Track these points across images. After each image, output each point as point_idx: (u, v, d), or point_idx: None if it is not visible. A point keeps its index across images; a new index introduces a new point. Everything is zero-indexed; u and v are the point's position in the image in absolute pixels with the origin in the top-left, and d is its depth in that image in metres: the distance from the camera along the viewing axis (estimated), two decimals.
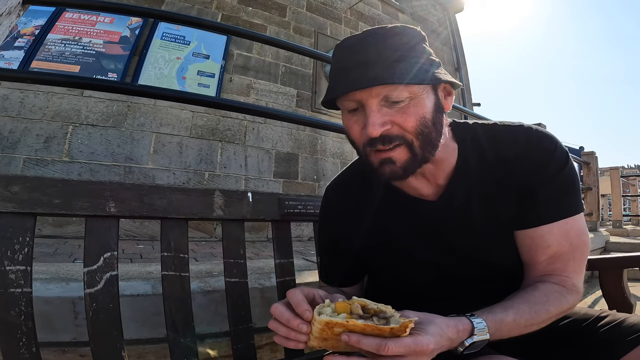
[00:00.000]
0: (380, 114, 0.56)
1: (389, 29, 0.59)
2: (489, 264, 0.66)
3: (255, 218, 0.90)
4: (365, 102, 0.57)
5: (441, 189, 0.67)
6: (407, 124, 0.57)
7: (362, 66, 0.56)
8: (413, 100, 0.57)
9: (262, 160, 3.86)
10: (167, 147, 3.40)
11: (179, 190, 0.80)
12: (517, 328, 0.56)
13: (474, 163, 0.65)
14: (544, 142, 0.63)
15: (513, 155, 0.63)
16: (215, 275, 1.13)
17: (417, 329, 0.49)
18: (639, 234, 4.94)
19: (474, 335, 0.52)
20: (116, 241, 0.72)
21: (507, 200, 0.63)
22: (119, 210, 0.73)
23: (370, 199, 0.72)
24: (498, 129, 0.67)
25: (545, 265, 0.62)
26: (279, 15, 4.68)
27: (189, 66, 3.87)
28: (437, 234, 0.67)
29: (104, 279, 0.69)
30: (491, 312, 0.55)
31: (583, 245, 0.63)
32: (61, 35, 3.52)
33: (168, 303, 0.75)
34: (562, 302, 0.60)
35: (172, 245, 0.76)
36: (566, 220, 0.61)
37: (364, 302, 0.51)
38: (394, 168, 0.59)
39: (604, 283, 1.07)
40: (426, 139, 0.58)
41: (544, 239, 0.62)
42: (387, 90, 0.56)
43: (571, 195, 0.62)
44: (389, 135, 0.57)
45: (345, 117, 0.62)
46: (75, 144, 3.04)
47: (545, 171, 0.61)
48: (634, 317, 0.63)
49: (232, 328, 0.83)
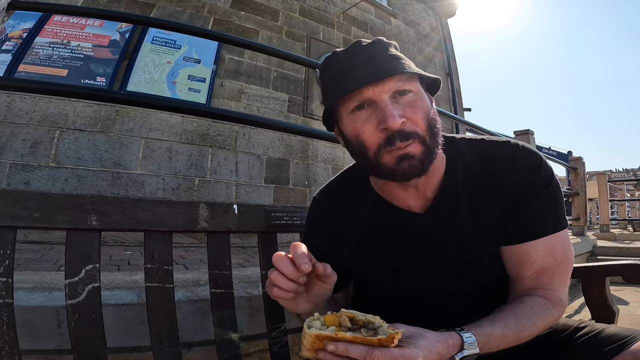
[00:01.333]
0: (395, 107, 0.58)
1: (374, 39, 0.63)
2: (475, 278, 0.67)
3: (241, 230, 0.90)
4: (377, 97, 0.58)
5: (429, 201, 0.67)
6: (417, 118, 0.58)
7: (367, 63, 0.57)
8: (417, 94, 0.60)
9: (253, 166, 3.85)
10: (157, 152, 3.37)
11: (163, 203, 0.79)
12: (506, 341, 0.57)
13: (461, 178, 0.66)
14: (530, 159, 0.64)
15: (499, 172, 0.64)
16: (202, 285, 1.13)
17: (407, 342, 0.49)
18: (627, 238, 5.02)
19: (464, 350, 0.53)
20: (98, 253, 0.72)
21: (492, 216, 0.64)
22: (100, 224, 0.72)
23: (358, 209, 0.73)
24: (485, 145, 0.68)
25: (531, 280, 0.63)
26: (271, 20, 4.69)
27: (179, 71, 3.85)
28: (423, 247, 0.68)
29: (85, 291, 0.69)
30: (480, 326, 0.56)
31: (567, 260, 0.64)
32: (49, 39, 3.49)
33: (152, 313, 0.74)
34: (547, 316, 0.61)
35: (156, 257, 0.76)
36: (551, 236, 0.62)
37: (352, 313, 0.51)
38: (413, 162, 0.58)
39: (587, 291, 1.08)
40: (433, 133, 0.60)
41: (529, 254, 0.63)
42: (397, 84, 0.58)
43: (555, 211, 0.63)
44: (405, 131, 0.57)
45: (349, 120, 0.61)
46: (62, 149, 3.00)
47: (531, 188, 0.62)
48: (612, 327, 0.64)
49: (217, 338, 0.83)
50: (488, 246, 0.66)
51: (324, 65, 0.65)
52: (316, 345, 0.49)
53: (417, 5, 7.03)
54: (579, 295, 2.64)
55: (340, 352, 0.47)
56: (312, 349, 0.50)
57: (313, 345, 0.50)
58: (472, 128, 3.07)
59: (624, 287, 3.06)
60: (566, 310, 2.11)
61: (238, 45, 2.43)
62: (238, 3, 4.46)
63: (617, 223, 7.62)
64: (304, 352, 0.52)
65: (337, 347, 0.47)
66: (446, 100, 6.45)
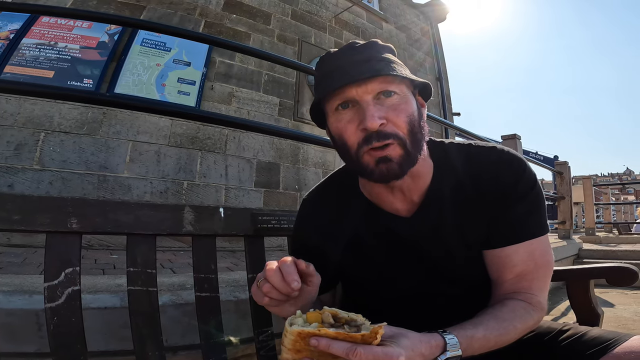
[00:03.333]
0: (376, 108, 0.58)
1: (368, 41, 0.64)
2: (459, 281, 0.68)
3: (227, 233, 0.89)
4: (360, 97, 0.59)
5: (415, 206, 0.68)
6: (399, 120, 0.59)
7: (356, 63, 0.58)
8: (402, 97, 0.60)
9: (243, 170, 3.83)
10: (144, 155, 3.33)
11: (146, 206, 0.78)
12: (487, 344, 0.57)
13: (448, 183, 0.67)
14: (514, 165, 0.65)
15: (484, 178, 0.65)
16: (188, 288, 1.11)
17: (390, 341, 0.49)
18: (612, 241, 5.11)
19: (447, 352, 0.53)
20: (78, 257, 0.70)
21: (477, 221, 0.65)
22: (81, 227, 0.71)
23: (347, 211, 0.73)
24: (472, 151, 0.69)
25: (512, 284, 0.64)
26: (263, 23, 4.69)
27: (169, 73, 3.82)
28: (409, 250, 0.68)
29: (65, 294, 0.68)
30: (462, 328, 0.56)
31: (547, 264, 0.65)
32: (36, 40, 3.44)
33: (135, 317, 0.73)
34: (527, 319, 0.61)
35: (139, 261, 0.74)
36: (531, 241, 0.63)
37: (335, 311, 0.51)
38: (391, 165, 0.59)
39: (572, 294, 1.09)
40: (415, 137, 0.61)
41: (510, 258, 0.64)
42: (382, 85, 0.58)
43: (537, 217, 0.65)
44: (384, 131, 0.58)
45: (334, 118, 0.63)
46: (47, 151, 2.95)
47: (513, 194, 0.64)
48: (595, 330, 0.65)
49: (202, 342, 0.82)
50: (472, 250, 0.67)
51: (319, 63, 0.66)
52: (298, 344, 0.49)
53: (408, 10, 7.11)
54: (565, 298, 2.68)
55: (322, 348, 0.47)
56: (293, 348, 0.49)
57: (295, 344, 0.49)
58: (461, 132, 3.10)
59: (610, 289, 3.12)
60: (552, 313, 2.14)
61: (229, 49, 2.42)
62: (230, 6, 4.46)
63: (603, 226, 7.78)
64: (283, 354, 0.51)
65: (320, 343, 0.47)
66: (436, 105, 6.52)
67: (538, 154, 11.75)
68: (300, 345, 0.49)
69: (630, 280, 1.07)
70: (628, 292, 3.15)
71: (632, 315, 2.37)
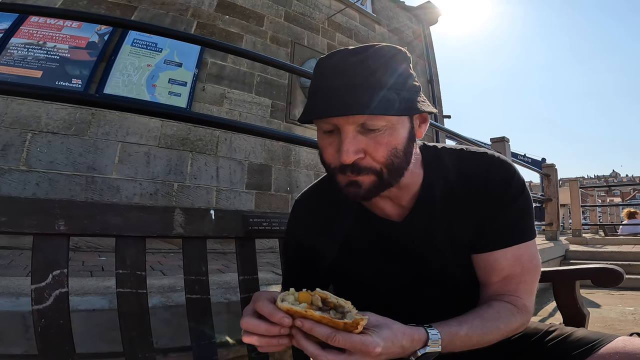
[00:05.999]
0: (355, 141, 0.57)
1: (374, 50, 0.58)
2: (448, 285, 0.69)
3: (218, 235, 0.88)
4: (342, 127, 0.58)
5: (405, 211, 0.69)
6: (378, 154, 0.58)
7: (342, 91, 0.56)
8: (389, 129, 0.58)
9: (234, 172, 3.81)
10: (134, 156, 3.29)
11: (136, 208, 0.78)
12: (469, 342, 0.58)
13: (438, 189, 0.68)
14: (503, 171, 0.66)
15: (474, 183, 0.66)
16: (179, 290, 1.10)
17: (371, 330, 0.50)
18: (598, 243, 5.21)
19: (427, 347, 0.54)
20: (66, 258, 0.70)
21: (466, 226, 0.66)
22: (69, 229, 0.70)
23: (339, 213, 0.74)
24: (463, 156, 0.69)
25: (499, 286, 0.65)
26: (256, 25, 4.67)
27: (160, 74, 3.78)
28: (400, 254, 0.69)
29: (52, 296, 0.67)
30: (447, 325, 0.57)
31: (534, 268, 0.66)
32: (24, 40, 3.39)
33: (124, 320, 0.72)
34: (511, 321, 0.62)
35: (128, 263, 0.74)
36: (519, 245, 0.65)
37: (325, 294, 0.53)
38: (358, 191, 0.60)
39: (558, 295, 1.11)
40: (395, 168, 0.60)
41: (497, 262, 0.65)
42: (365, 118, 0.56)
43: (525, 222, 0.66)
44: (359, 166, 0.58)
45: (320, 136, 0.63)
46: (34, 152, 2.90)
47: (502, 199, 0.65)
48: (581, 331, 0.66)
49: (194, 344, 0.81)
50: (461, 254, 0.68)
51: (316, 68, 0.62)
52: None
53: (401, 12, 7.17)
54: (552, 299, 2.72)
55: (306, 330, 0.49)
56: None
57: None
58: (452, 135, 3.14)
59: (596, 290, 3.17)
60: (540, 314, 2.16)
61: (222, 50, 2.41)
62: (223, 7, 4.44)
63: (589, 228, 7.90)
64: None
65: (304, 324, 0.49)
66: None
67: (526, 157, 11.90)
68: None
69: (615, 281, 1.09)
70: (614, 292, 3.21)
71: (619, 315, 2.41)
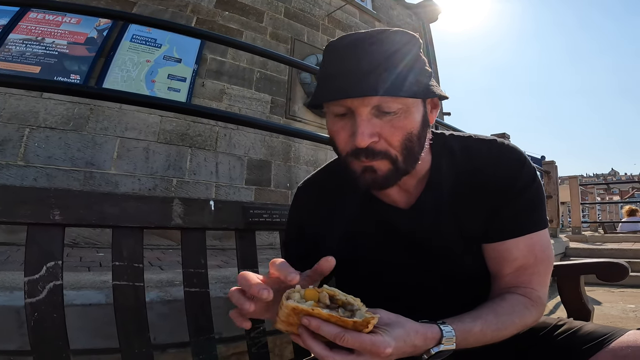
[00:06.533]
0: (370, 124, 0.55)
1: (388, 34, 0.57)
2: (458, 275, 0.67)
3: (218, 227, 0.86)
4: (356, 110, 0.56)
5: (413, 198, 0.67)
6: (393, 138, 0.56)
7: (357, 73, 0.54)
8: (404, 113, 0.56)
9: (233, 167, 3.79)
10: (133, 152, 3.27)
11: (133, 198, 0.76)
12: (484, 338, 0.56)
13: (447, 176, 0.66)
14: (514, 158, 0.64)
15: (484, 171, 0.64)
16: (177, 285, 1.09)
17: (383, 329, 0.48)
18: (597, 240, 5.21)
19: (441, 345, 0.52)
20: (61, 250, 0.68)
21: (476, 214, 0.64)
22: (64, 219, 0.68)
23: (343, 200, 0.71)
24: (472, 143, 0.68)
25: (512, 278, 0.63)
26: (256, 21, 4.65)
27: (159, 69, 3.76)
28: (406, 243, 0.67)
29: (46, 289, 0.65)
30: (461, 321, 0.55)
31: (547, 259, 0.64)
32: (23, 35, 3.38)
33: (120, 313, 0.70)
34: (526, 314, 0.60)
35: (125, 254, 0.72)
36: (532, 234, 0.63)
37: (333, 291, 0.50)
38: (375, 177, 0.58)
39: (562, 289, 1.09)
40: (409, 153, 0.58)
41: (510, 252, 0.63)
42: (380, 100, 0.54)
43: (537, 211, 0.64)
44: (374, 150, 0.56)
45: (331, 120, 0.61)
46: (32, 147, 2.88)
47: (514, 187, 0.63)
48: (590, 325, 0.64)
49: (192, 339, 0.80)
50: (470, 243, 0.65)
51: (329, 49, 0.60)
52: (291, 318, 0.48)
53: (401, 10, 7.14)
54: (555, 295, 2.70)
55: (313, 329, 0.46)
56: (286, 321, 0.49)
57: (288, 317, 0.48)
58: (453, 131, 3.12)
59: (597, 287, 3.16)
60: None
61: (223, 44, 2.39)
62: (222, 3, 4.41)
63: (588, 225, 7.90)
64: (278, 323, 0.50)
65: (311, 323, 0.46)
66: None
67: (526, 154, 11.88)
68: (293, 320, 0.48)
69: (620, 275, 1.07)
70: (614, 290, 3.20)
71: (620, 312, 2.41)
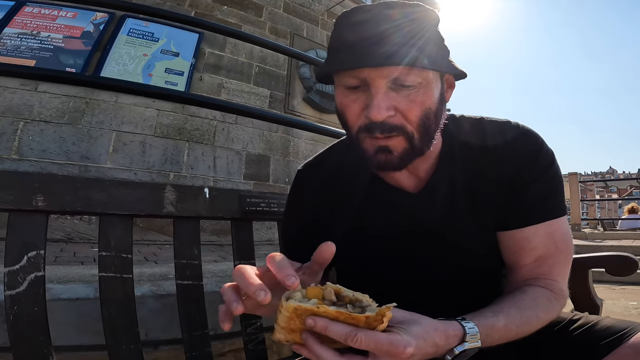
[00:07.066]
0: (387, 97, 0.51)
1: (405, 4, 0.53)
2: (468, 267, 0.63)
3: (213, 216, 0.83)
4: (372, 81, 0.51)
5: (422, 181, 0.63)
6: (411, 113, 0.52)
7: (375, 41, 0.50)
8: (423, 87, 0.52)
9: (231, 162, 3.75)
10: (129, 145, 3.22)
11: (122, 183, 0.72)
12: (508, 335, 0.52)
13: (459, 158, 0.62)
14: (530, 140, 0.61)
15: (499, 153, 0.60)
16: (171, 279, 1.04)
17: (399, 327, 0.43)
18: (597, 237, 5.20)
19: (465, 342, 0.47)
20: (44, 239, 0.63)
21: (491, 199, 0.60)
22: (47, 205, 0.64)
23: (347, 183, 0.67)
24: (485, 124, 0.64)
25: (531, 269, 0.60)
26: (254, 15, 4.60)
27: (156, 63, 3.72)
28: (414, 230, 0.63)
29: (27, 280, 0.61)
30: (483, 317, 0.50)
31: (568, 248, 0.61)
32: (18, 30, 3.34)
33: (106, 307, 0.67)
34: (550, 308, 0.57)
35: (112, 244, 0.68)
36: (551, 221, 0.59)
37: (338, 288, 0.44)
38: (390, 157, 0.54)
39: (570, 284, 1.06)
40: (426, 131, 0.54)
41: (529, 240, 0.59)
42: (400, 72, 0.50)
43: (556, 196, 0.60)
44: (390, 124, 0.52)
45: (341, 93, 0.56)
46: (26, 140, 2.83)
47: (532, 170, 0.59)
48: (607, 319, 0.61)
49: (185, 335, 0.76)
50: (484, 232, 0.61)
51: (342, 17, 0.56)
52: (293, 322, 0.42)
53: None
54: None
55: (319, 329, 0.40)
56: (287, 327, 0.42)
57: (289, 322, 0.42)
58: None
59: (597, 284, 3.13)
60: None
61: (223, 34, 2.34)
62: None
63: (588, 223, 7.89)
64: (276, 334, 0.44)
65: (316, 323, 0.40)
66: None
67: None
68: (295, 324, 0.42)
69: (630, 269, 1.05)
70: (615, 287, 3.18)
71: (622, 310, 2.38)
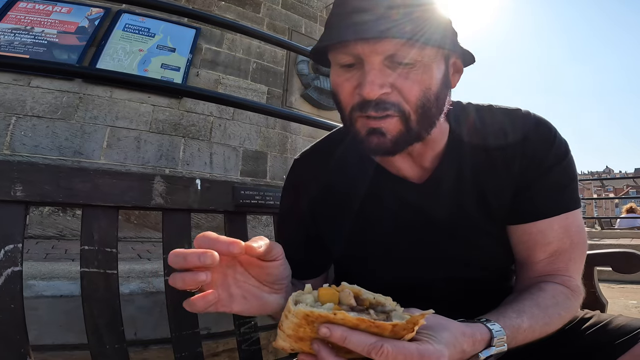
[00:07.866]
0: (382, 74, 0.47)
1: None
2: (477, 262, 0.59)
3: (205, 208, 0.78)
4: (367, 57, 0.48)
5: (427, 172, 0.59)
6: (409, 92, 0.48)
7: (370, 13, 0.46)
8: (422, 65, 0.48)
9: (228, 158, 3.71)
10: (123, 141, 3.18)
11: (108, 173, 0.67)
12: (532, 335, 0.49)
13: (467, 147, 0.58)
14: (543, 129, 0.57)
15: (510, 141, 0.57)
16: (162, 276, 1.00)
17: (426, 334, 0.38)
18: (595, 236, 5.18)
19: (492, 347, 0.44)
20: (22, 231, 0.60)
21: (501, 191, 0.57)
22: (27, 195, 0.60)
23: (346, 172, 0.63)
24: (495, 112, 0.60)
25: (545, 265, 0.56)
26: (252, 11, 4.57)
27: (152, 59, 3.67)
28: (418, 223, 0.59)
29: (3, 275, 0.58)
30: (507, 318, 0.47)
31: (583, 243, 0.58)
32: (12, 25, 3.29)
33: (88, 304, 0.63)
34: (570, 306, 0.54)
35: (96, 237, 0.64)
36: (567, 214, 0.56)
37: (357, 290, 0.38)
38: (382, 140, 0.50)
39: None
40: (425, 114, 0.50)
41: (543, 234, 0.56)
42: (396, 47, 0.46)
43: (572, 187, 0.57)
44: (385, 101, 0.48)
45: (335, 72, 0.53)
46: (18, 136, 2.79)
47: (545, 160, 0.56)
48: (621, 318, 0.58)
49: (173, 334, 0.72)
50: (494, 225, 0.58)
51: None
52: (302, 330, 0.35)
53: None
54: None
55: (336, 340, 0.34)
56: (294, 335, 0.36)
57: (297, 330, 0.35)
58: None
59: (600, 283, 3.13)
60: None
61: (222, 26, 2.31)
62: None
63: (585, 222, 7.89)
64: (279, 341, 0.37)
65: (333, 333, 0.34)
66: None
67: None
68: (304, 332, 0.35)
69: (636, 266, 1.03)
70: (614, 286, 3.17)
71: (622, 308, 2.37)
